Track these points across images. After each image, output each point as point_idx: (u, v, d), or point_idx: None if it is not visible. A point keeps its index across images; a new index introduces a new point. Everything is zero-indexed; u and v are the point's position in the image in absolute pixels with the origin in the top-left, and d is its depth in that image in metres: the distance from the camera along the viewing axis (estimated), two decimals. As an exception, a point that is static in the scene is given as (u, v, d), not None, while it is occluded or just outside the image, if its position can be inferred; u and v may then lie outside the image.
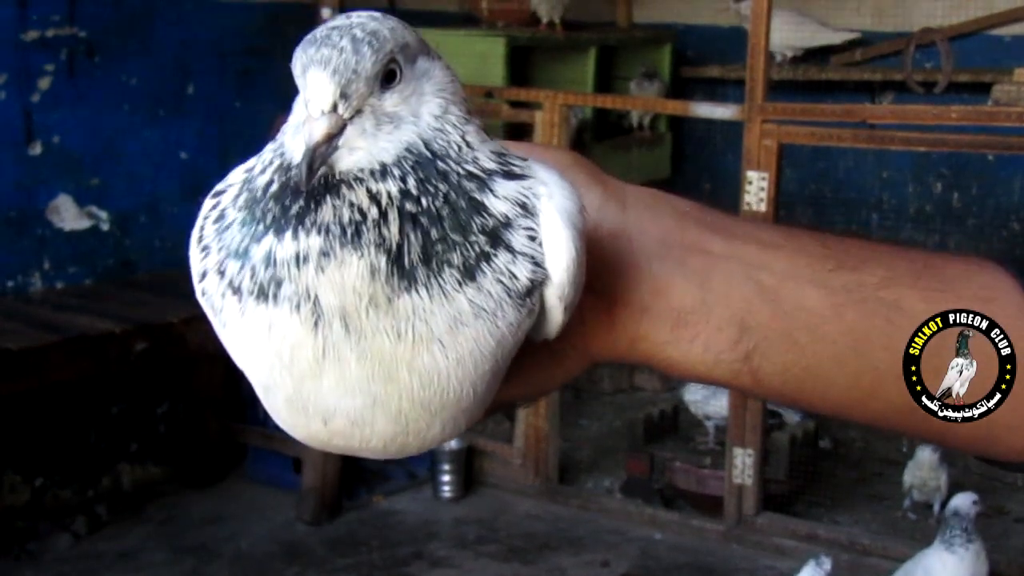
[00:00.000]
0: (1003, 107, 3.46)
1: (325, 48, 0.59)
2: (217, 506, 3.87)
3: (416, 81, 0.63)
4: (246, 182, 0.63)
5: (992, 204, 4.46)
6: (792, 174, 4.50)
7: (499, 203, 0.62)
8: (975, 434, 0.72)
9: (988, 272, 0.72)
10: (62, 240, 3.70)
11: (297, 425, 0.64)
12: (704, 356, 0.69)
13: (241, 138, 4.10)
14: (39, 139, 3.61)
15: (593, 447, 4.31)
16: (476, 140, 0.63)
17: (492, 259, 0.60)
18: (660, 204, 0.72)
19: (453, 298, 0.59)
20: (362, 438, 0.62)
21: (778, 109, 3.53)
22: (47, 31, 3.59)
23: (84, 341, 3.19)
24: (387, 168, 0.60)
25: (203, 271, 0.63)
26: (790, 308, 0.69)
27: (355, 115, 0.60)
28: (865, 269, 0.70)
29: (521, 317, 0.62)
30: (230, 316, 0.61)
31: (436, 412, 0.62)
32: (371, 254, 0.58)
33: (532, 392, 0.72)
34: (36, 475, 3.72)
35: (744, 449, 3.60)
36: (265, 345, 0.60)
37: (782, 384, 0.70)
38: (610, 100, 4.25)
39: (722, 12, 4.37)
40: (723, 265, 0.69)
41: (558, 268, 0.62)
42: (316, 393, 0.60)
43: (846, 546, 3.55)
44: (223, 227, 0.62)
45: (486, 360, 0.61)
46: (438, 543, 3.65)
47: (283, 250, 0.59)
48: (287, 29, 4.20)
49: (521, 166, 0.64)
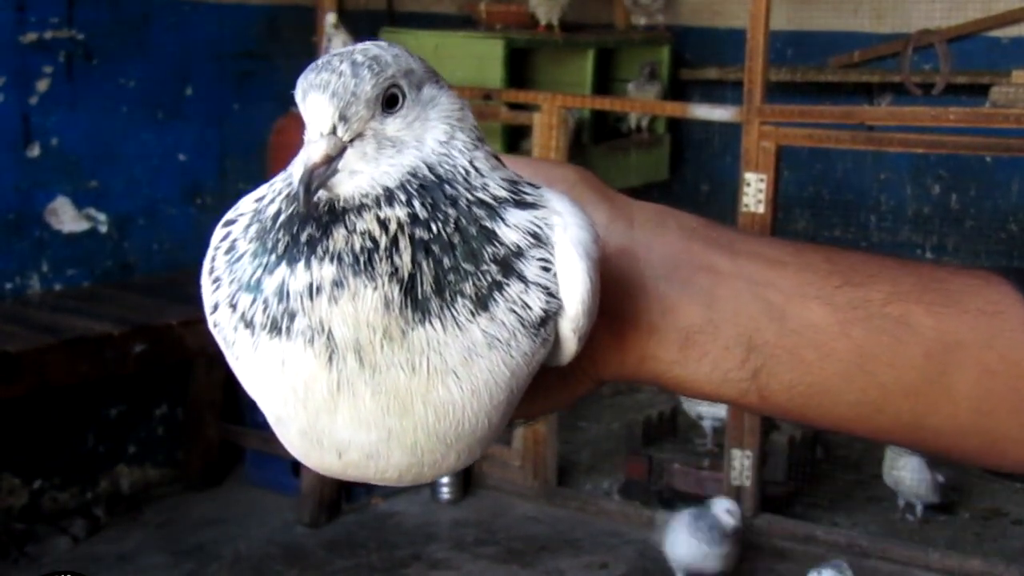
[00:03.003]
0: (1001, 109, 3.47)
1: (325, 72, 0.59)
2: (216, 508, 3.87)
3: (421, 107, 0.62)
4: (257, 212, 0.63)
5: (990, 206, 4.46)
6: (790, 176, 4.50)
7: (511, 232, 0.61)
8: (982, 448, 0.72)
9: (993, 285, 0.71)
10: (60, 242, 3.70)
11: (311, 457, 0.63)
12: (712, 375, 0.69)
13: (240, 141, 4.11)
14: (37, 141, 3.61)
15: (592, 449, 4.31)
16: (486, 167, 0.62)
17: (505, 288, 0.60)
18: (666, 221, 0.71)
19: (467, 329, 0.59)
20: (377, 470, 0.62)
21: (776, 111, 3.53)
22: (45, 33, 3.59)
23: (82, 343, 3.19)
24: (392, 192, 0.59)
25: (215, 303, 0.63)
26: (797, 326, 0.69)
27: (356, 138, 0.59)
28: (871, 285, 0.70)
29: (535, 347, 0.61)
30: (243, 350, 0.61)
31: (452, 443, 0.61)
32: (384, 284, 0.58)
33: (538, 413, 0.71)
34: (34, 477, 3.71)
35: (743, 451, 3.61)
36: (279, 379, 0.60)
37: (788, 401, 0.70)
38: (608, 102, 4.25)
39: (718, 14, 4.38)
40: (730, 283, 0.69)
41: (573, 300, 0.62)
42: (331, 427, 0.60)
43: (844, 548, 3.55)
44: (234, 258, 0.62)
45: (501, 391, 0.61)
46: (437, 545, 3.65)
47: (296, 282, 0.58)
48: (286, 32, 4.21)
49: (533, 194, 0.63)
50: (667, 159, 4.76)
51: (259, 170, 4.02)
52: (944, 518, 3.82)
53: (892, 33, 4.43)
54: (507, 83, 4.05)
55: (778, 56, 4.43)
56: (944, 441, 0.72)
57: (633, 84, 4.50)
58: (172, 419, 4.10)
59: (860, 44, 4.56)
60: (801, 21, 4.62)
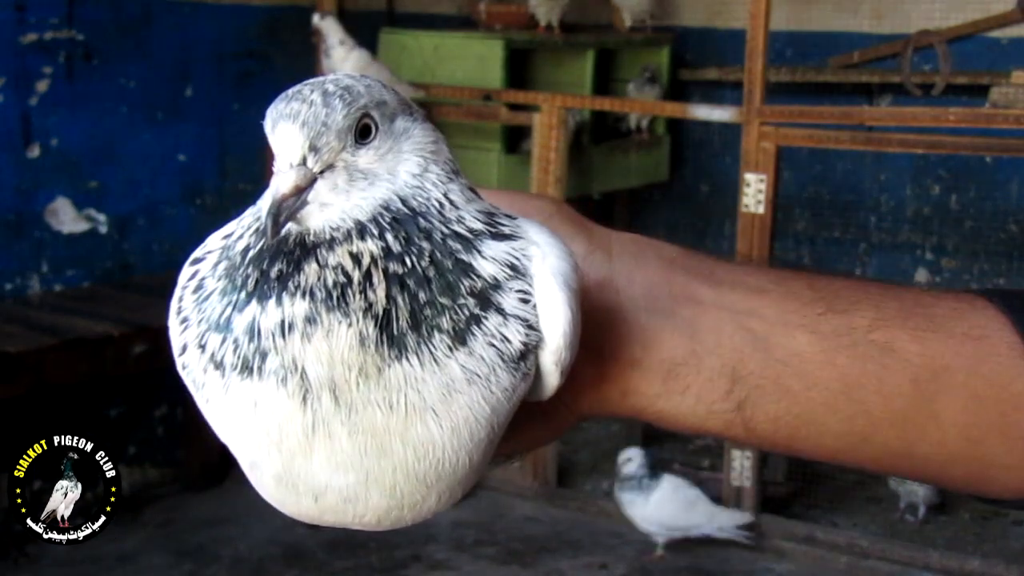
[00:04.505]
0: (1001, 109, 3.47)
1: (295, 102, 0.58)
2: (216, 509, 3.86)
3: (394, 139, 0.60)
4: (225, 248, 0.61)
5: (990, 206, 4.46)
6: (790, 176, 4.50)
7: (487, 264, 0.59)
8: (971, 475, 0.71)
9: (979, 310, 0.70)
10: (60, 243, 3.70)
11: (286, 502, 0.62)
12: (696, 408, 0.68)
13: (239, 141, 4.11)
14: (37, 142, 3.61)
15: (591, 450, 4.31)
16: (460, 199, 0.61)
17: (482, 322, 0.58)
18: (646, 252, 0.70)
19: (445, 365, 0.57)
20: (355, 514, 0.60)
21: (776, 111, 3.53)
22: (45, 34, 3.59)
23: (82, 344, 3.19)
24: (364, 226, 0.58)
25: (183, 345, 0.61)
26: (781, 355, 0.68)
27: (326, 169, 0.58)
28: (855, 311, 0.69)
29: (516, 382, 0.60)
30: (213, 392, 0.60)
31: (432, 484, 0.59)
32: (359, 320, 0.56)
33: (519, 450, 0.70)
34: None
35: (742, 451, 3.61)
36: (251, 422, 0.58)
37: (775, 432, 0.69)
38: (608, 103, 4.25)
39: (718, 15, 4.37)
40: (712, 313, 0.68)
41: (554, 332, 0.60)
42: (306, 470, 0.58)
43: (844, 548, 3.55)
44: (202, 297, 0.60)
45: (481, 427, 0.59)
46: (436, 545, 3.65)
47: (267, 319, 0.56)
48: (285, 32, 4.21)
49: (510, 226, 0.62)
50: (667, 160, 4.76)
51: (259, 170, 4.02)
52: (944, 518, 3.82)
53: (892, 33, 4.42)
54: (507, 84, 4.05)
55: (778, 56, 4.43)
56: (932, 468, 0.71)
57: (633, 84, 4.49)
58: (172, 419, 4.10)
59: (860, 44, 4.56)
60: (801, 21, 4.62)
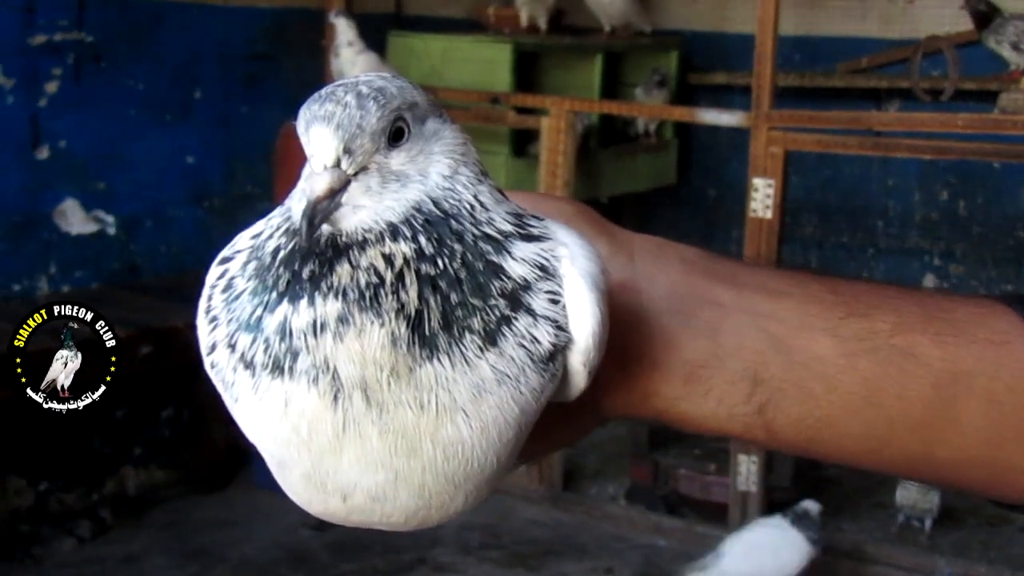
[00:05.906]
0: (1009, 115, 3.46)
1: (329, 104, 0.58)
2: (222, 511, 3.87)
3: (425, 141, 0.60)
4: (254, 248, 0.61)
5: (998, 212, 4.45)
6: (798, 181, 4.50)
7: (517, 265, 0.60)
8: (991, 479, 0.71)
9: (999, 315, 0.71)
10: (68, 244, 3.71)
11: (314, 503, 0.62)
12: (717, 410, 0.68)
13: (247, 143, 4.11)
14: (46, 143, 3.61)
15: (597, 454, 4.31)
16: (490, 201, 0.61)
17: (513, 323, 0.59)
18: (667, 254, 0.70)
19: (475, 365, 0.58)
20: (383, 513, 0.61)
21: (784, 116, 3.53)
22: (54, 36, 3.60)
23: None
24: (396, 228, 0.58)
25: (212, 344, 0.62)
26: (803, 359, 0.68)
27: (360, 172, 0.58)
28: (876, 315, 0.69)
29: (544, 382, 0.60)
30: (242, 392, 0.60)
31: (460, 484, 0.60)
32: (391, 321, 0.56)
33: (540, 452, 0.70)
34: (40, 479, 3.72)
35: (748, 456, 3.60)
36: (281, 421, 0.58)
37: (795, 435, 0.69)
38: (616, 106, 4.25)
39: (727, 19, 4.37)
40: (734, 316, 0.68)
41: (583, 332, 0.61)
42: (335, 469, 0.59)
43: (850, 554, 3.54)
44: (232, 296, 0.61)
45: (510, 428, 0.59)
46: (441, 549, 3.65)
47: (299, 319, 0.57)
48: (294, 34, 4.21)
49: (539, 227, 0.62)
50: (675, 164, 4.75)
51: (266, 173, 4.02)
52: (951, 524, 3.81)
53: (901, 39, 4.42)
54: (515, 87, 4.05)
55: (786, 61, 4.42)
56: (952, 473, 0.71)
57: (641, 89, 4.49)
58: (178, 421, 4.10)
59: (869, 49, 4.56)
60: (809, 26, 4.61)
